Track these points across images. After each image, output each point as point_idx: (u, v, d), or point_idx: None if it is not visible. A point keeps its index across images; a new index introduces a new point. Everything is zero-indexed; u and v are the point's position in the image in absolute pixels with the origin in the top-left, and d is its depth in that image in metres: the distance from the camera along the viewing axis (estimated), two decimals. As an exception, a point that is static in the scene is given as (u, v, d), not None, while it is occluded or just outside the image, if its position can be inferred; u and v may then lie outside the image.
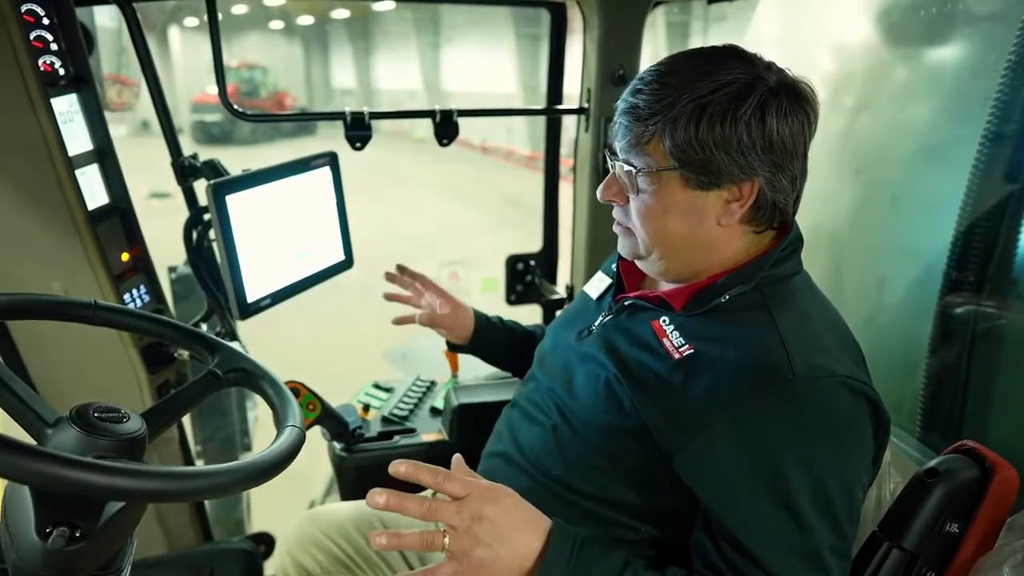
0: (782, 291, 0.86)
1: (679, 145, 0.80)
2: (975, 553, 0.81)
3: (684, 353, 0.84)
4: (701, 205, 0.84)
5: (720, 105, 0.79)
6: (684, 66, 0.82)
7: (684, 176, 0.82)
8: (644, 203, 0.86)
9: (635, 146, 0.83)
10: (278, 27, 20.72)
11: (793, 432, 0.76)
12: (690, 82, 0.80)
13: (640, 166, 0.84)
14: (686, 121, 0.79)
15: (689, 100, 0.79)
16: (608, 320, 0.96)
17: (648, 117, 0.81)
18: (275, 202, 1.29)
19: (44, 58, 1.17)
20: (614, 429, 0.87)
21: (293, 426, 0.73)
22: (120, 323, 0.84)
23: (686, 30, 11.90)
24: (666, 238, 0.87)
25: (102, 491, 0.55)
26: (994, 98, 1.18)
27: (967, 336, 1.25)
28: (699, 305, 0.86)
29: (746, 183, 0.82)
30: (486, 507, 0.75)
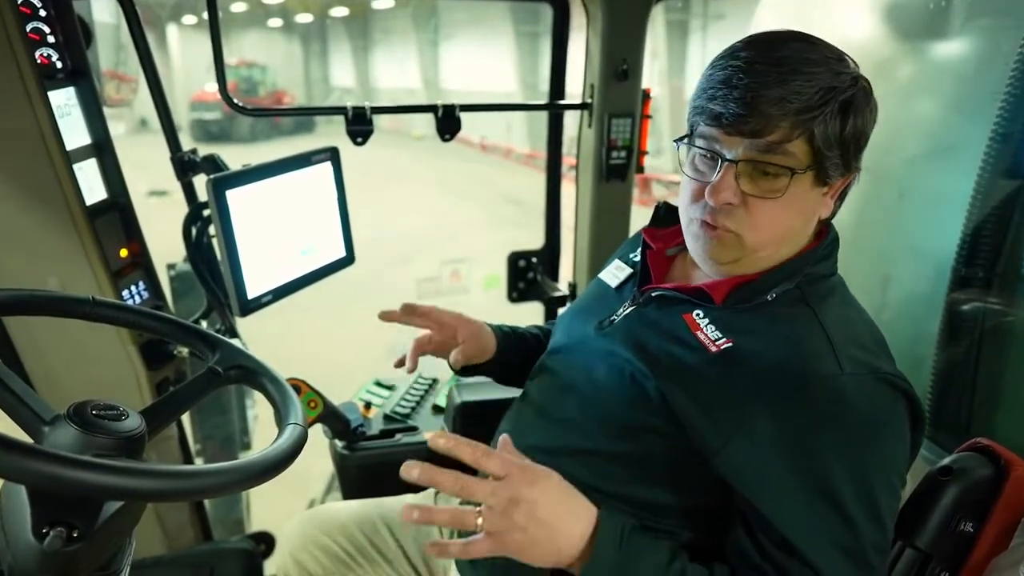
0: (821, 289, 0.85)
1: (826, 142, 0.76)
2: (990, 553, 0.80)
3: (722, 347, 0.81)
4: (815, 201, 0.82)
5: (859, 100, 0.77)
6: (808, 53, 0.76)
7: (818, 173, 0.78)
8: (778, 207, 0.79)
9: (780, 143, 0.76)
10: (277, 25, 20.70)
11: (839, 429, 0.75)
12: (830, 74, 0.75)
13: (788, 165, 0.76)
14: (834, 116, 0.75)
15: (838, 94, 0.75)
16: (632, 311, 0.92)
17: (801, 113, 0.74)
18: (276, 197, 1.27)
19: (41, 50, 1.16)
20: (640, 426, 0.84)
21: (295, 424, 0.72)
22: (118, 319, 0.83)
23: (685, 28, 11.90)
24: (781, 239, 0.82)
25: (99, 490, 0.54)
26: (1004, 92, 1.16)
27: (975, 333, 1.24)
28: (741, 300, 0.84)
29: (845, 175, 0.81)
30: (524, 489, 0.72)
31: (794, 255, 0.85)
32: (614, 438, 0.86)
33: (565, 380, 0.96)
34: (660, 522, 0.86)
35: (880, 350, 0.82)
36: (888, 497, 0.76)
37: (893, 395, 0.78)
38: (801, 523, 0.74)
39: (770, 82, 0.74)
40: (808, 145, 0.76)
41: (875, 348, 0.81)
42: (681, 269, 0.96)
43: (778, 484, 0.76)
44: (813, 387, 0.76)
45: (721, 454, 0.78)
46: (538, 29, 12.81)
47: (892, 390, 0.78)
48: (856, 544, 0.74)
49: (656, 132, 11.05)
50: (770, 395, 0.76)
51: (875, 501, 0.75)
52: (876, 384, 0.77)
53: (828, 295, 0.85)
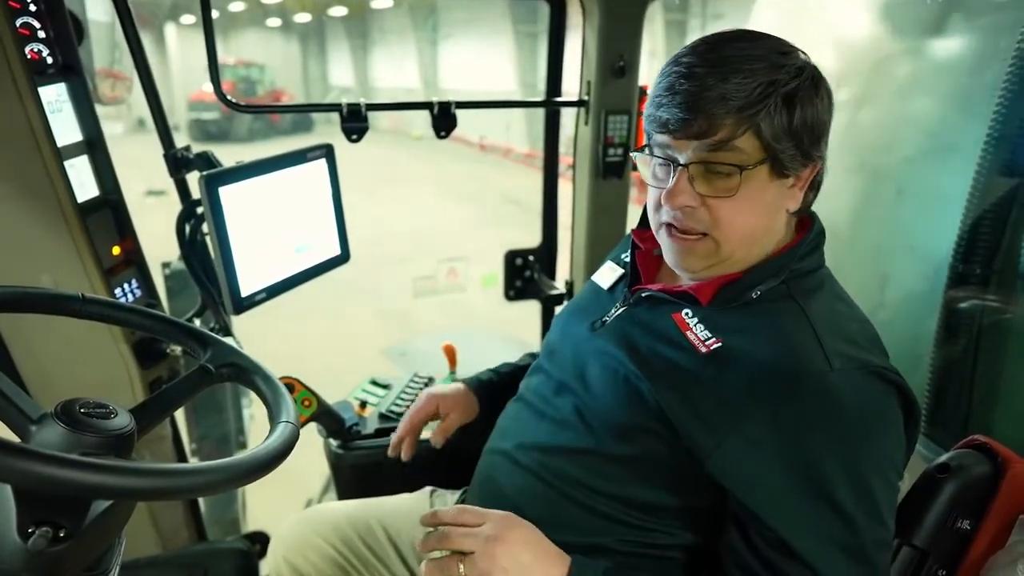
0: (808, 284, 0.84)
1: (774, 135, 0.77)
2: (987, 550, 0.79)
3: (712, 347, 0.81)
4: (778, 194, 0.82)
5: (805, 90, 0.77)
6: (747, 50, 0.77)
7: (772, 167, 0.79)
8: (737, 204, 0.79)
9: (727, 141, 0.77)
10: (275, 25, 20.68)
11: (832, 426, 0.75)
12: (770, 68, 0.76)
13: (736, 163, 0.77)
14: (779, 109, 0.76)
15: (779, 87, 0.76)
16: (623, 312, 0.92)
17: (743, 109, 0.75)
18: (270, 194, 1.27)
19: (31, 46, 1.15)
20: (635, 428, 0.84)
21: (287, 422, 0.71)
22: (109, 317, 0.82)
23: (684, 28, 11.89)
24: (750, 236, 0.82)
25: (86, 489, 0.53)
26: (1000, 89, 1.16)
27: (973, 331, 1.24)
28: (728, 300, 0.83)
29: (810, 165, 0.82)
30: (504, 531, 0.76)
31: (777, 251, 0.85)
32: (610, 439, 0.86)
33: (560, 380, 0.95)
34: (656, 523, 0.85)
35: (870, 344, 0.81)
36: (885, 491, 0.76)
37: (884, 389, 0.77)
38: (797, 523, 0.74)
39: (710, 83, 0.76)
40: (757, 140, 0.77)
41: (865, 342, 0.80)
42: (669, 269, 0.95)
43: (772, 484, 0.75)
44: (804, 386, 0.75)
45: (714, 456, 0.77)
46: (537, 29, 12.80)
47: (883, 384, 0.77)
48: (854, 541, 0.73)
49: (654, 131, 10.98)
50: (760, 395, 0.76)
51: (872, 496, 0.74)
52: (866, 379, 0.76)
53: (816, 289, 0.84)
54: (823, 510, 0.74)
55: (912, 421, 0.81)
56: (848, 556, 0.73)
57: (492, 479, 0.97)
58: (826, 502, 0.73)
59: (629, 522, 0.86)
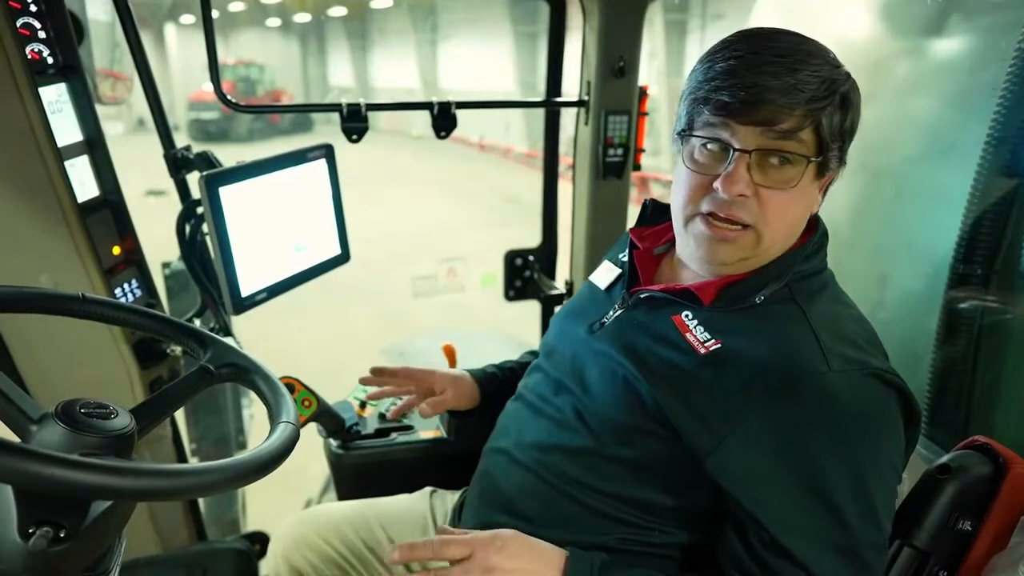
0: (810, 286, 0.84)
1: (831, 133, 0.76)
2: (988, 551, 0.79)
3: (711, 348, 0.81)
4: (812, 193, 0.82)
5: (854, 92, 0.79)
6: (806, 47, 0.77)
7: (820, 164, 0.78)
8: (790, 197, 0.78)
9: (793, 132, 0.75)
10: (275, 25, 20.68)
11: (829, 427, 0.74)
12: (829, 67, 0.76)
13: (802, 154, 0.76)
14: (837, 108, 0.76)
15: (839, 86, 0.76)
16: (622, 313, 0.92)
17: (813, 102, 0.74)
18: (270, 195, 1.27)
19: (31, 46, 1.15)
20: (635, 429, 0.83)
21: (287, 422, 0.71)
22: (109, 317, 0.82)
23: (684, 28, 11.89)
24: (792, 231, 0.82)
25: (86, 489, 0.53)
26: (1001, 88, 1.16)
27: (973, 331, 1.24)
28: (731, 302, 0.83)
29: (836, 168, 0.82)
30: (493, 557, 0.76)
31: (784, 252, 0.85)
32: (609, 440, 0.86)
33: (558, 381, 0.95)
34: (655, 522, 0.85)
35: (871, 346, 0.81)
36: (883, 494, 0.76)
37: (884, 391, 0.77)
38: (792, 524, 0.74)
39: (778, 71, 0.74)
40: (816, 135, 0.77)
41: (865, 344, 0.80)
42: (669, 268, 0.95)
43: (768, 484, 0.75)
44: (802, 386, 0.75)
45: (713, 456, 0.77)
46: (536, 29, 12.79)
47: (883, 386, 0.77)
48: (849, 542, 0.73)
49: (654, 132, 11.01)
50: (759, 396, 0.76)
51: (869, 498, 0.74)
52: (865, 380, 0.76)
53: (818, 291, 0.84)
54: (818, 511, 0.74)
55: (912, 423, 0.81)
56: (842, 557, 0.73)
57: (491, 477, 0.97)
58: (821, 502, 0.73)
59: (628, 520, 0.86)
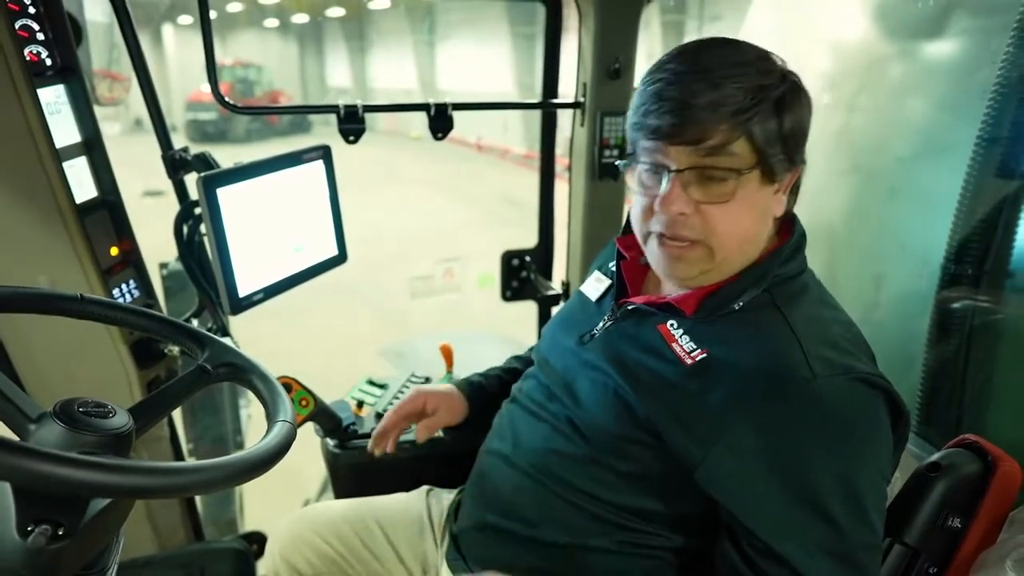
0: (791, 290, 0.84)
1: (766, 140, 0.77)
2: (978, 548, 0.80)
3: (697, 358, 0.81)
4: (767, 200, 0.82)
5: (792, 96, 0.79)
6: (732, 56, 0.78)
7: (763, 172, 0.79)
8: (731, 209, 0.79)
9: (722, 147, 0.77)
10: (273, 25, 20.66)
11: (816, 433, 0.75)
12: (757, 74, 0.77)
13: (733, 167, 0.77)
14: (769, 114, 0.77)
15: (770, 91, 0.77)
16: (611, 325, 0.93)
17: (737, 114, 0.76)
18: (267, 195, 1.27)
19: (30, 48, 1.15)
20: (626, 440, 0.84)
21: (284, 421, 0.71)
22: (107, 317, 0.82)
23: (681, 29, 11.90)
24: (742, 241, 0.82)
25: (84, 487, 0.53)
26: (992, 90, 1.17)
27: (965, 330, 1.25)
28: (711, 311, 0.84)
29: (794, 169, 0.83)
30: None
31: (758, 258, 0.85)
32: (602, 450, 0.86)
33: (551, 389, 0.96)
34: (650, 527, 0.86)
35: (856, 347, 0.81)
36: (873, 495, 0.76)
37: (870, 393, 0.77)
38: (785, 531, 0.74)
39: (702, 88, 0.76)
40: (750, 145, 0.77)
41: (849, 347, 0.80)
42: (655, 278, 0.96)
43: (759, 494, 0.76)
44: (786, 393, 0.75)
45: (702, 467, 0.78)
46: (534, 30, 12.80)
47: (868, 388, 0.77)
48: (843, 547, 0.74)
49: (652, 132, 10.95)
50: (745, 405, 0.76)
51: (859, 501, 0.74)
52: (850, 384, 0.76)
53: (799, 295, 0.84)
54: (810, 516, 0.74)
55: (900, 424, 0.81)
56: (837, 561, 0.74)
57: (489, 478, 0.98)
58: (812, 508, 0.74)
59: (624, 525, 0.86)
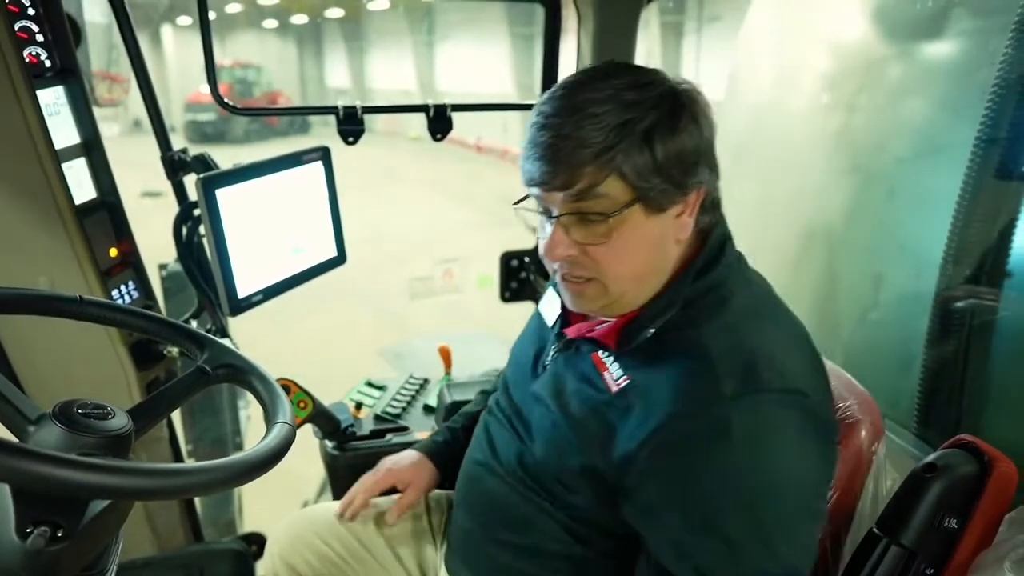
0: (708, 304, 0.81)
1: (639, 175, 0.75)
2: (975, 549, 0.80)
3: (621, 385, 0.81)
4: (661, 228, 0.79)
5: (664, 122, 0.75)
6: (595, 92, 0.76)
7: (646, 205, 0.77)
8: (615, 246, 0.77)
9: (590, 189, 0.75)
10: (272, 26, 20.66)
11: (721, 455, 0.73)
12: (620, 108, 0.74)
13: (606, 210, 0.76)
14: (636, 148, 0.74)
15: (634, 126, 0.74)
16: (558, 354, 0.93)
17: (599, 156, 0.74)
18: (266, 197, 1.27)
19: (29, 49, 1.16)
20: (571, 473, 0.85)
21: (283, 423, 0.71)
22: (107, 318, 0.83)
23: (680, 30, 11.90)
24: (637, 274, 0.81)
25: (83, 488, 0.53)
26: (991, 91, 1.17)
27: (964, 331, 1.25)
28: (628, 341, 0.83)
29: (693, 192, 0.79)
30: None
31: (669, 281, 0.83)
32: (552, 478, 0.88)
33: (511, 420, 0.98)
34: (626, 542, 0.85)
35: (788, 355, 0.78)
36: (784, 518, 0.74)
37: (780, 412, 0.74)
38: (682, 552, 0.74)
39: (566, 131, 0.75)
40: (622, 182, 0.75)
41: (776, 355, 0.77)
42: None
43: (660, 515, 0.76)
44: (693, 416, 0.74)
45: (622, 493, 0.79)
46: (533, 31, 12.79)
47: (779, 407, 0.74)
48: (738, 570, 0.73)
49: (651, 133, 10.94)
50: (655, 430, 0.76)
51: (761, 524, 0.73)
52: (760, 403, 0.74)
53: (718, 308, 0.81)
54: (707, 539, 0.73)
55: (822, 431, 0.78)
56: None
57: (475, 483, 1.00)
58: (709, 531, 0.73)
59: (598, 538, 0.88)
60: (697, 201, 0.81)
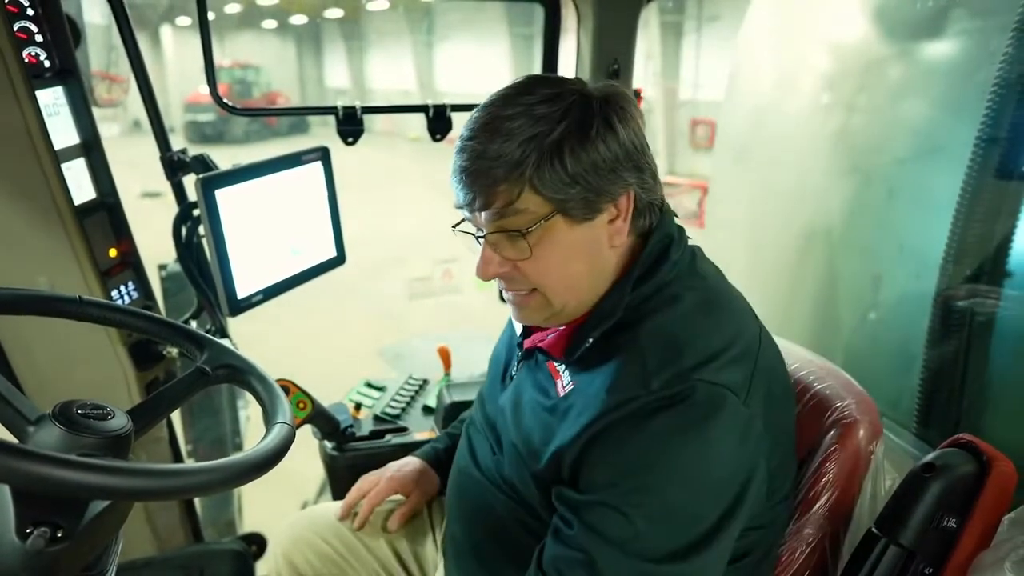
0: (659, 303, 0.81)
1: (554, 187, 0.75)
2: (974, 549, 0.80)
3: (567, 390, 0.83)
4: (591, 236, 0.80)
5: (573, 133, 0.76)
6: (508, 110, 0.77)
7: (567, 215, 0.77)
8: (543, 259, 0.79)
9: (508, 206, 0.76)
10: (271, 26, 20.66)
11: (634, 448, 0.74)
12: (530, 123, 0.75)
13: (523, 225, 0.77)
14: (550, 161, 0.75)
15: (542, 139, 0.75)
16: (521, 365, 0.95)
17: (511, 172, 0.75)
18: (265, 197, 1.27)
19: (28, 49, 1.16)
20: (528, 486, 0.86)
21: (282, 423, 0.71)
22: (106, 319, 0.83)
23: (679, 30, 11.91)
24: (574, 283, 0.81)
25: (82, 489, 0.53)
26: (991, 90, 1.17)
27: (965, 331, 1.25)
28: (573, 351, 0.84)
29: (621, 197, 0.79)
30: None
31: (610, 288, 0.83)
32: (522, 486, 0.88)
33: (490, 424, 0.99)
34: None
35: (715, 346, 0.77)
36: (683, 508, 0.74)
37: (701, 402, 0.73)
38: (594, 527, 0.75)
39: (478, 152, 0.76)
40: (538, 196, 0.76)
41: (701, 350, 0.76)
42: None
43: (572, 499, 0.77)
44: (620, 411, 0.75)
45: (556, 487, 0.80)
46: (532, 31, 12.80)
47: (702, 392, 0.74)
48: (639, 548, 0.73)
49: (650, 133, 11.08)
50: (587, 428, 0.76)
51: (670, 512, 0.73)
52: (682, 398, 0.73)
53: (664, 308, 0.80)
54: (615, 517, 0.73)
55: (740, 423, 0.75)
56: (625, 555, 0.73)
57: (461, 491, 1.01)
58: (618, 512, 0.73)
59: None
60: (629, 205, 0.80)
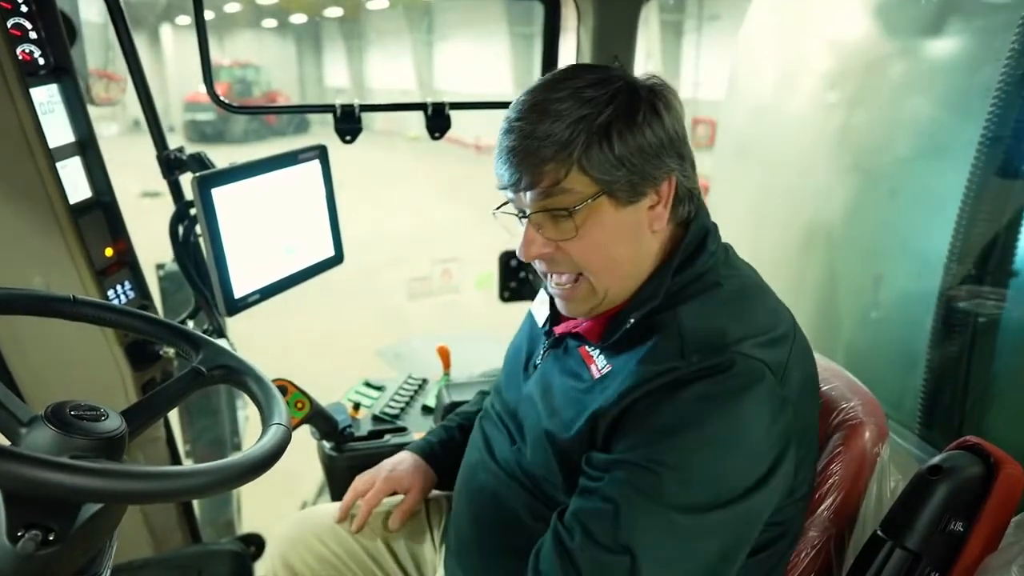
0: (699, 288, 0.83)
1: (602, 168, 0.77)
2: (981, 552, 0.79)
3: (603, 372, 0.84)
4: (634, 220, 0.81)
5: (621, 117, 0.78)
6: (556, 92, 0.79)
7: (613, 197, 0.79)
8: (587, 239, 0.80)
9: (554, 186, 0.78)
10: (271, 26, 20.66)
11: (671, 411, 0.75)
12: (578, 105, 0.77)
13: (570, 204, 0.78)
14: (598, 143, 0.77)
15: (591, 121, 0.77)
16: (548, 354, 0.95)
17: (559, 152, 0.77)
18: (263, 196, 1.26)
19: (22, 47, 1.15)
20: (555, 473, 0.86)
21: (279, 424, 0.71)
22: (100, 319, 0.82)
23: (679, 28, 11.91)
24: (616, 266, 0.83)
25: (74, 492, 0.53)
26: (995, 89, 1.16)
27: (968, 331, 1.24)
28: (612, 333, 0.85)
29: (664, 182, 0.81)
30: None
31: (650, 275, 0.84)
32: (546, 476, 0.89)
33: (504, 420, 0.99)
34: None
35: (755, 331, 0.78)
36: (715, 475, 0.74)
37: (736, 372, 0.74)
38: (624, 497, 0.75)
39: (526, 133, 0.77)
40: (586, 176, 0.78)
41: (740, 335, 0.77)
42: None
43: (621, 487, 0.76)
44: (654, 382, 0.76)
45: None
46: (532, 30, 12.79)
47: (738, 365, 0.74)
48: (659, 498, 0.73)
49: (650, 132, 11.07)
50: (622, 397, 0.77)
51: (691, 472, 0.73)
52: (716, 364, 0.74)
53: (703, 293, 0.82)
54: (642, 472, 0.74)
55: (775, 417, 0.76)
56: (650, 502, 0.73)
57: (474, 486, 1.00)
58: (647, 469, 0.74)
59: None
60: (670, 191, 0.82)
